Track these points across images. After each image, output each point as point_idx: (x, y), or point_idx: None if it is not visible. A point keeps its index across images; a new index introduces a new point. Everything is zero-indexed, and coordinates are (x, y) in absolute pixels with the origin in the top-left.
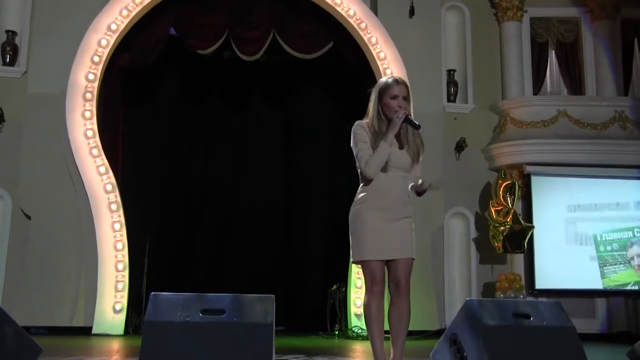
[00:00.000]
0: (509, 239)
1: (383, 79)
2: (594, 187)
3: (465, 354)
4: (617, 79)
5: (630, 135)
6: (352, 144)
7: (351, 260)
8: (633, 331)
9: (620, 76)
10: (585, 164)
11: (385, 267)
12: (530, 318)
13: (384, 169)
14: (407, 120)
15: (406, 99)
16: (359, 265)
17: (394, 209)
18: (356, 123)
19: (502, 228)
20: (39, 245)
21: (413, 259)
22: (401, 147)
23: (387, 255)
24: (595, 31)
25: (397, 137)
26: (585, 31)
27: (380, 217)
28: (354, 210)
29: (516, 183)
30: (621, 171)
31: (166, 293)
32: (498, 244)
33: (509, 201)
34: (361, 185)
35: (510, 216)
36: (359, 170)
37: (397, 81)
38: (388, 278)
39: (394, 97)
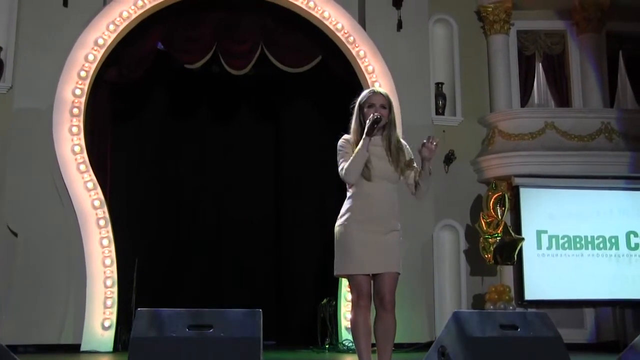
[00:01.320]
0: (499, 250)
1: (362, 92)
2: (582, 198)
3: None
4: (603, 91)
5: (616, 146)
6: (337, 158)
7: (334, 273)
8: (621, 340)
9: (606, 88)
10: (572, 176)
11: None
12: (517, 329)
13: (368, 178)
14: (374, 120)
15: (385, 107)
16: (347, 279)
17: (380, 220)
18: (341, 138)
19: (492, 240)
20: (26, 262)
21: (398, 274)
22: (384, 156)
23: (372, 270)
24: (581, 44)
25: (381, 146)
26: (572, 44)
27: (366, 230)
28: (339, 223)
29: (506, 195)
30: (608, 182)
31: (152, 309)
32: (488, 256)
33: (499, 213)
34: (347, 196)
35: (501, 228)
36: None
37: (374, 91)
38: (373, 292)
39: (371, 106)
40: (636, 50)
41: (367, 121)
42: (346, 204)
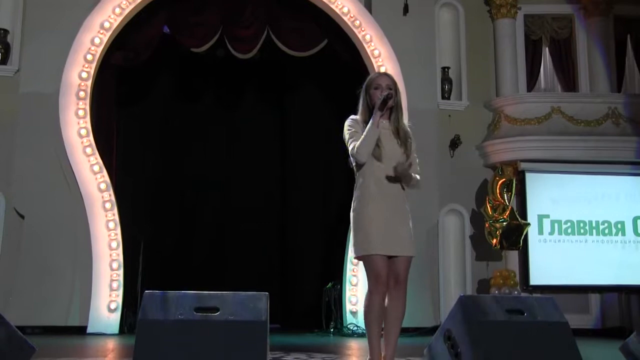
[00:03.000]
0: (505, 235)
1: (369, 76)
2: (588, 182)
3: (459, 349)
4: (610, 75)
5: (623, 131)
6: (344, 136)
7: (353, 255)
8: (626, 326)
9: (614, 73)
10: (579, 161)
11: None
12: (524, 314)
13: (379, 158)
14: (384, 99)
15: (391, 88)
16: (356, 262)
17: (394, 200)
18: (349, 118)
19: (499, 225)
20: (33, 245)
21: (412, 257)
22: (393, 138)
23: (391, 251)
24: (588, 28)
25: (388, 129)
26: (579, 28)
27: (383, 210)
28: (354, 206)
29: (513, 180)
30: (614, 167)
31: (159, 291)
32: (495, 240)
33: (505, 198)
34: (358, 179)
35: (508, 212)
36: (352, 163)
37: (379, 73)
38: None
39: (377, 87)
40: None
41: (377, 99)
42: (358, 187)
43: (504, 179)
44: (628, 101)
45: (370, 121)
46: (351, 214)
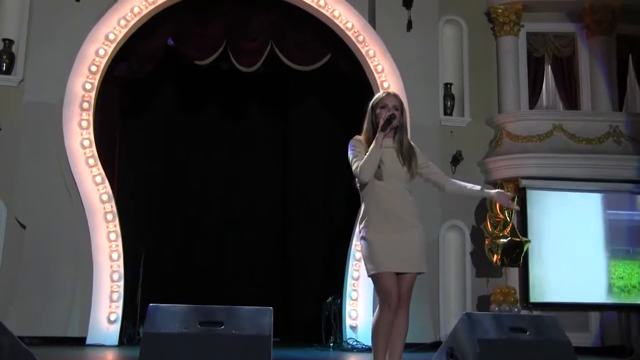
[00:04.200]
0: (506, 252)
1: (377, 94)
2: (589, 201)
3: None
4: (612, 94)
5: (624, 150)
6: (348, 157)
7: (367, 275)
8: (626, 345)
9: (615, 91)
10: (580, 178)
11: None
12: (526, 332)
13: (380, 177)
14: (387, 119)
15: (397, 109)
16: (356, 277)
17: (396, 217)
18: (353, 138)
19: (500, 241)
20: (33, 255)
21: (420, 273)
22: (395, 158)
23: (399, 268)
24: (591, 47)
25: (392, 148)
26: (581, 46)
27: (385, 230)
28: (360, 229)
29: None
30: (615, 186)
31: (164, 305)
32: (496, 256)
33: (506, 214)
34: (361, 198)
35: (509, 229)
36: (357, 184)
37: (387, 93)
38: None
39: (384, 107)
40: None
41: (381, 119)
42: (362, 208)
43: None
44: (629, 120)
45: (374, 141)
46: (359, 240)
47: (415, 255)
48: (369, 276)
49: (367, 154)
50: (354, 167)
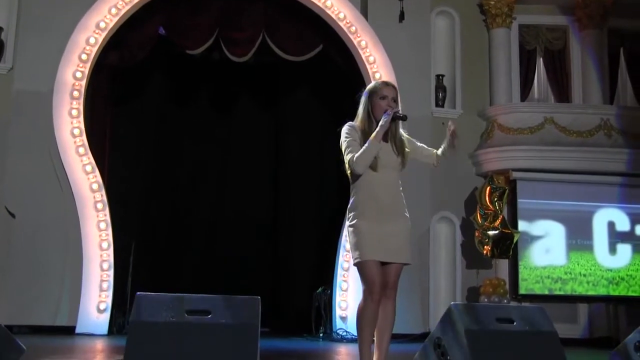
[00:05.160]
0: (496, 243)
1: (373, 83)
2: (580, 194)
3: (449, 357)
4: (603, 87)
5: (614, 143)
6: (341, 143)
7: (353, 263)
8: (613, 336)
9: (607, 85)
10: (570, 171)
11: None
12: (513, 323)
13: (374, 168)
14: (395, 117)
15: (395, 100)
16: (347, 267)
17: (388, 208)
18: (346, 124)
19: (491, 233)
20: (23, 244)
21: (406, 264)
22: (389, 147)
23: (383, 257)
24: (582, 40)
25: (385, 136)
26: (573, 39)
27: (375, 220)
28: (349, 218)
29: (506, 189)
30: (605, 178)
31: (152, 293)
32: (486, 248)
33: (496, 206)
34: (352, 188)
35: (499, 221)
36: (348, 170)
37: (386, 83)
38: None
39: (384, 98)
40: (638, 48)
41: (386, 113)
42: (353, 197)
43: (489, 187)
44: (620, 113)
45: (374, 135)
46: (348, 229)
47: (401, 245)
48: (354, 264)
49: (366, 147)
50: (348, 158)
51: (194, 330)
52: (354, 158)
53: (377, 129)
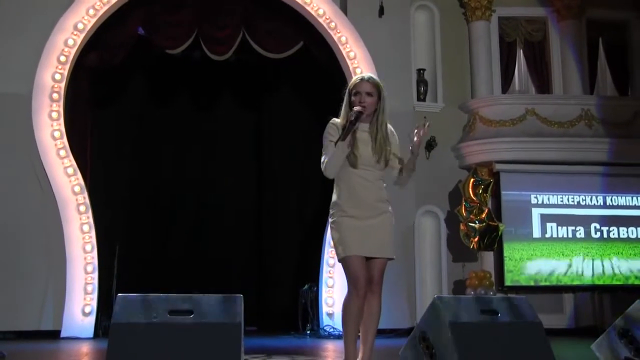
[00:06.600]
0: (482, 236)
1: (354, 77)
2: (562, 184)
3: (434, 350)
4: (583, 77)
5: (595, 133)
6: (323, 145)
7: (337, 260)
8: (599, 325)
9: (586, 75)
10: (553, 162)
11: None
12: (498, 314)
13: (354, 165)
14: (357, 117)
15: (371, 94)
16: (332, 264)
17: (368, 205)
18: (330, 121)
19: (478, 226)
20: (5, 248)
21: (390, 259)
22: (370, 142)
23: (367, 252)
24: (561, 31)
25: (368, 132)
26: (552, 31)
27: (356, 217)
28: (331, 215)
29: (491, 182)
30: (587, 168)
31: (133, 294)
32: (473, 240)
33: (481, 199)
34: (335, 184)
35: (485, 213)
36: None
37: (362, 78)
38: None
39: (356, 94)
40: (616, 38)
41: (350, 114)
42: (335, 194)
43: (473, 180)
44: (600, 103)
45: (341, 139)
46: (330, 225)
47: (384, 240)
48: (338, 261)
49: (333, 152)
50: (322, 160)
51: (176, 330)
52: (324, 163)
53: (345, 132)
